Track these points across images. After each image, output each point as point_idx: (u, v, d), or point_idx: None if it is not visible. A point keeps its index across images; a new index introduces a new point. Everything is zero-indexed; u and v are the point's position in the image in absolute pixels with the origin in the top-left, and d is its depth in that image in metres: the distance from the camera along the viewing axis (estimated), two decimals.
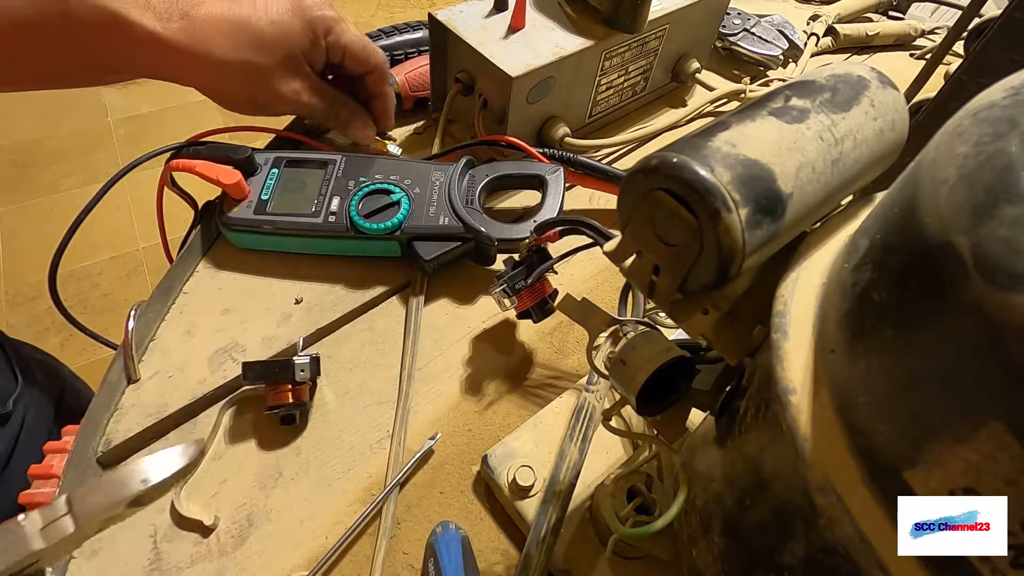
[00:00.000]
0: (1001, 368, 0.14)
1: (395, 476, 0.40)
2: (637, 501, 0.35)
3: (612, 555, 0.35)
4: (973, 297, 0.14)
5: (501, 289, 0.43)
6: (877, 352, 0.17)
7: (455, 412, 0.44)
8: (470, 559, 0.36)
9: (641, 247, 0.23)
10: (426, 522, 0.39)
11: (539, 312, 0.44)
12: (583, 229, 0.40)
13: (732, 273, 0.21)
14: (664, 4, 0.60)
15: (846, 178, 0.24)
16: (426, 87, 0.63)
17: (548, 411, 0.42)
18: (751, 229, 0.20)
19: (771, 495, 0.23)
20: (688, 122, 0.68)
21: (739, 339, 0.25)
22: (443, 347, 0.48)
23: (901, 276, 0.17)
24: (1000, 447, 0.14)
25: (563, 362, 0.48)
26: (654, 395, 0.29)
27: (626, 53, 0.60)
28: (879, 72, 0.25)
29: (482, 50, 0.53)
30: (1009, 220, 0.14)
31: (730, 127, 0.22)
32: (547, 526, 0.36)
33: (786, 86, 0.24)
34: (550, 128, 0.59)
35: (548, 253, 0.44)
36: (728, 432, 0.27)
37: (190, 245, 0.50)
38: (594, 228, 0.39)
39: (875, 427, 0.17)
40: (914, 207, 0.17)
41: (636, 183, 0.22)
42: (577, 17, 0.57)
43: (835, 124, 0.23)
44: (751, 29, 0.74)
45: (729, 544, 0.27)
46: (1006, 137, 0.15)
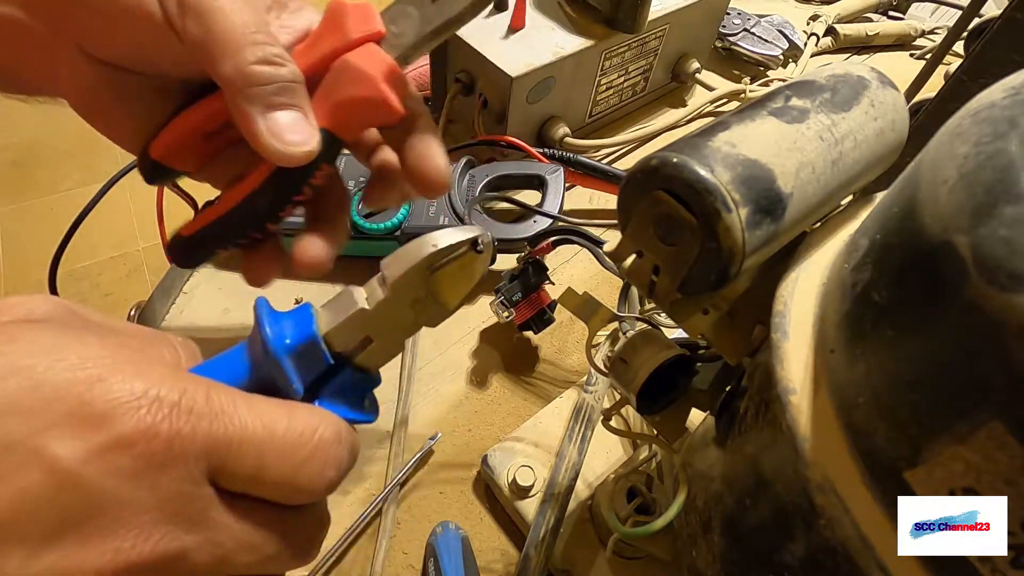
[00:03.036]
0: (1001, 368, 0.14)
1: (395, 476, 0.40)
2: (637, 501, 0.35)
3: (612, 555, 0.35)
4: (973, 297, 0.14)
5: (499, 302, 0.43)
6: (877, 352, 0.17)
7: (455, 412, 0.44)
8: (470, 559, 0.36)
9: (641, 247, 0.23)
10: (426, 522, 0.39)
11: (538, 323, 0.45)
12: (575, 239, 0.40)
13: (732, 273, 0.21)
14: (664, 4, 0.60)
15: (846, 178, 0.24)
16: (426, 87, 0.63)
17: (548, 411, 0.42)
18: (751, 229, 0.20)
19: (771, 495, 0.23)
20: (688, 122, 0.68)
21: (739, 339, 0.25)
22: (443, 347, 0.48)
23: (901, 276, 0.17)
24: (1000, 447, 0.14)
25: (563, 362, 0.48)
26: (654, 394, 0.29)
27: (626, 53, 0.60)
28: (879, 72, 0.25)
29: (482, 50, 0.53)
30: (1009, 220, 0.13)
31: (730, 127, 0.22)
32: (547, 526, 0.36)
33: (786, 86, 0.24)
34: (550, 128, 0.59)
35: (543, 264, 0.45)
36: (728, 432, 0.27)
37: None
38: (586, 236, 0.39)
39: (875, 427, 0.17)
40: (914, 207, 0.17)
41: (636, 183, 0.22)
42: (577, 17, 0.57)
43: (835, 124, 0.23)
44: (751, 29, 0.74)
45: (729, 544, 0.27)
46: (1006, 137, 0.15)
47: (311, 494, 0.19)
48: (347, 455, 0.19)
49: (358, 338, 0.21)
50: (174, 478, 0.16)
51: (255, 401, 0.18)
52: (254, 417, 0.17)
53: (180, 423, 0.16)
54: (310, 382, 0.20)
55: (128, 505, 0.15)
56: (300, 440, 0.18)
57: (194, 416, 0.16)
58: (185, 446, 0.16)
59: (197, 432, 0.16)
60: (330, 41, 0.27)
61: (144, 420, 0.15)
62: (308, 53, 0.27)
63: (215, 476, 0.17)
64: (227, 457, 0.17)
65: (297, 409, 0.19)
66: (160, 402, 0.16)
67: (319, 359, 0.20)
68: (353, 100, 0.27)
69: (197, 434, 0.16)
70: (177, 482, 0.16)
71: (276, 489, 0.18)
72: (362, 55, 0.26)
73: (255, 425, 0.17)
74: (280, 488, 0.18)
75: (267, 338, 0.20)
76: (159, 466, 0.15)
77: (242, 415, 0.17)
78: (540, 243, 0.43)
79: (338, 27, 0.27)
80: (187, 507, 0.16)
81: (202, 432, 0.16)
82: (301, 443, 0.18)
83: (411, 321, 0.22)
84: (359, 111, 0.27)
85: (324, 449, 0.18)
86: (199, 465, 0.16)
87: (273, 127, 0.25)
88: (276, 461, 0.17)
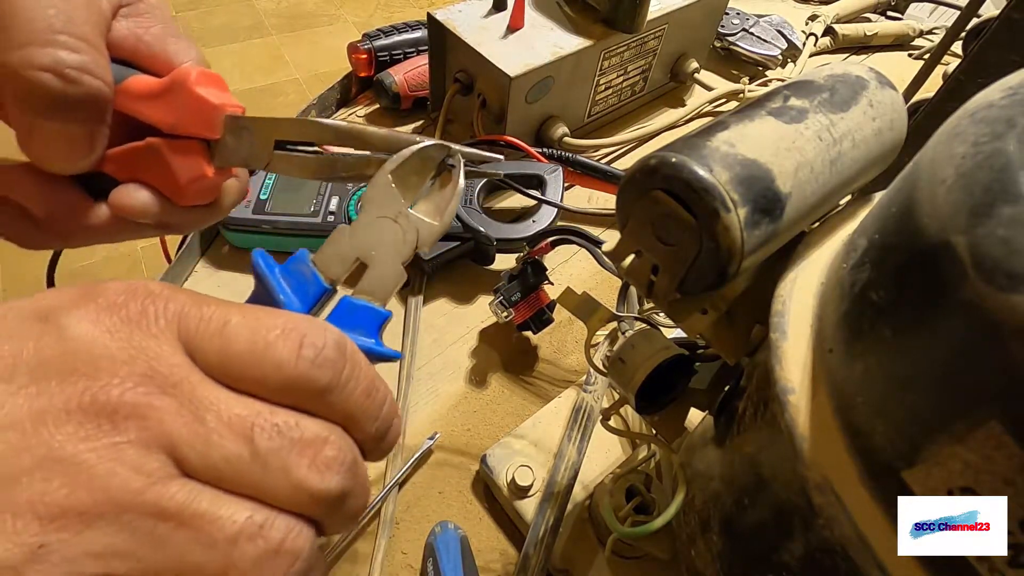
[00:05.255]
0: (999, 368, 0.14)
1: (394, 476, 0.40)
2: (636, 501, 0.35)
3: (611, 555, 0.35)
4: (971, 297, 0.14)
5: (498, 302, 0.44)
6: (875, 352, 0.17)
7: (454, 412, 0.44)
8: (469, 559, 0.36)
9: (640, 247, 0.23)
10: (425, 522, 0.39)
11: (537, 323, 0.45)
12: (574, 239, 0.40)
13: (731, 273, 0.21)
14: (663, 4, 0.60)
15: (844, 178, 0.24)
16: (425, 87, 0.63)
17: (547, 411, 0.42)
18: (750, 229, 0.20)
19: (770, 494, 0.23)
20: (687, 122, 0.68)
21: (738, 339, 0.25)
22: (442, 346, 0.48)
23: (899, 276, 0.17)
24: (998, 447, 0.14)
25: (562, 362, 0.48)
26: (653, 394, 0.29)
27: (625, 53, 0.60)
28: (877, 72, 0.26)
29: (481, 50, 0.53)
30: (1007, 220, 0.14)
31: (729, 127, 0.22)
32: (546, 526, 0.36)
33: (785, 86, 0.24)
34: (549, 128, 0.59)
35: (542, 264, 0.45)
36: (727, 432, 0.27)
37: (189, 245, 0.50)
38: (585, 236, 0.39)
39: (873, 427, 0.17)
40: (912, 207, 0.17)
41: (635, 183, 0.22)
42: (576, 17, 0.57)
43: (833, 124, 0.23)
44: (750, 29, 0.74)
45: (728, 543, 0.27)
46: (1004, 137, 0.15)
47: (292, 376, 0.16)
48: (341, 357, 0.17)
49: (349, 261, 0.22)
50: (146, 335, 0.16)
51: (248, 307, 0.18)
52: (236, 310, 0.17)
53: (158, 290, 0.17)
54: (310, 306, 0.21)
55: (103, 356, 0.15)
56: (274, 324, 0.17)
57: (172, 291, 0.17)
58: (158, 309, 0.16)
59: (171, 301, 0.17)
60: (171, 111, 0.24)
61: (128, 288, 0.17)
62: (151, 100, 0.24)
63: (191, 353, 0.16)
64: (196, 332, 0.17)
65: (292, 315, 0.18)
66: (147, 284, 0.17)
67: (312, 280, 0.21)
68: (147, 181, 0.25)
69: (171, 303, 0.17)
70: (148, 339, 0.16)
71: (249, 366, 0.16)
72: (182, 154, 0.25)
73: (232, 311, 0.17)
74: (250, 365, 0.16)
75: (257, 262, 0.21)
76: (132, 322, 0.16)
77: (225, 307, 0.17)
78: (539, 243, 0.43)
79: (187, 101, 0.24)
80: (160, 367, 0.16)
81: (177, 302, 0.17)
82: (274, 325, 0.17)
83: (399, 239, 0.22)
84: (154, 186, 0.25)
85: (297, 330, 0.17)
86: (170, 329, 0.16)
87: (40, 140, 0.23)
88: (244, 338, 0.17)
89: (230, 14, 2.03)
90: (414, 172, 0.22)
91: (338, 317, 0.21)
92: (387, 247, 0.22)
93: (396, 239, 0.22)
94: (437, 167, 0.23)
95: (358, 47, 0.64)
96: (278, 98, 1.77)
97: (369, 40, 0.64)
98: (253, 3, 2.08)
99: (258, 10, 2.07)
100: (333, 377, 0.17)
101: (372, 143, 0.24)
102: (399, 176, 0.22)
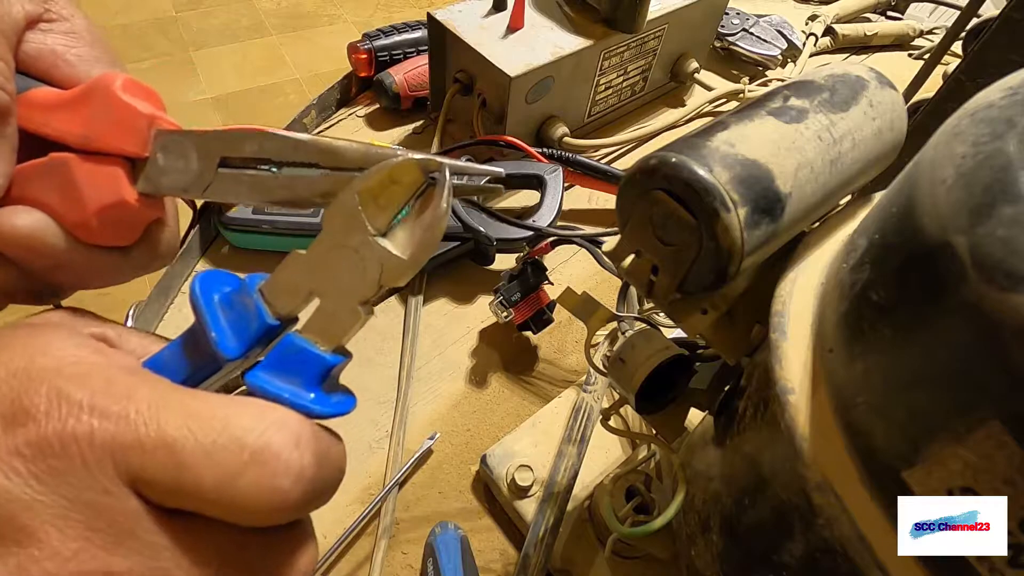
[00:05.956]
0: (999, 368, 0.14)
1: (394, 476, 0.40)
2: (636, 501, 0.35)
3: (611, 555, 0.35)
4: (971, 297, 0.14)
5: (498, 302, 0.44)
6: (875, 352, 0.17)
7: (454, 412, 0.44)
8: (469, 559, 0.36)
9: (640, 247, 0.23)
10: (425, 522, 0.39)
11: (537, 323, 0.45)
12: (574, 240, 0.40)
13: (731, 273, 0.21)
14: (663, 4, 0.60)
15: (844, 178, 0.24)
16: (425, 87, 0.63)
17: (547, 411, 0.42)
18: (750, 229, 0.20)
19: (770, 494, 0.23)
20: (687, 122, 0.68)
21: (738, 339, 0.25)
22: (442, 347, 0.48)
23: (899, 276, 0.17)
24: (998, 447, 0.14)
25: (562, 362, 0.48)
26: (653, 394, 0.29)
27: (625, 53, 0.60)
28: (877, 72, 0.26)
29: (481, 50, 0.53)
30: (1007, 220, 0.14)
31: (729, 127, 0.22)
32: (546, 526, 0.36)
33: (785, 86, 0.24)
34: (549, 128, 0.59)
35: (542, 264, 0.45)
36: (727, 431, 0.27)
37: (188, 245, 0.50)
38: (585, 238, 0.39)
39: (873, 427, 0.17)
40: (912, 207, 0.17)
41: (635, 183, 0.22)
42: (576, 17, 0.57)
43: (834, 124, 0.23)
44: (750, 29, 0.74)
45: (728, 543, 0.27)
46: (1004, 137, 0.15)
47: (262, 510, 0.15)
48: (309, 461, 0.15)
49: (302, 294, 0.18)
50: (75, 485, 0.13)
51: (194, 398, 0.15)
52: (180, 417, 0.14)
53: (76, 425, 0.14)
54: (248, 345, 0.18)
55: (34, 512, 0.13)
56: (237, 443, 0.14)
57: (95, 416, 0.14)
58: (82, 450, 0.13)
59: (96, 434, 0.14)
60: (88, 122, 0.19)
61: (44, 423, 0.14)
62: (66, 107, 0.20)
63: (137, 487, 0.14)
64: (141, 463, 0.14)
65: (245, 407, 0.15)
66: (63, 400, 0.14)
67: (254, 313, 0.18)
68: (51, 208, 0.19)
69: (96, 436, 0.14)
70: (80, 490, 0.13)
71: (213, 504, 0.14)
72: (95, 173, 0.19)
73: (176, 425, 0.14)
74: (217, 502, 0.14)
75: (193, 290, 0.17)
76: (57, 472, 0.13)
77: (164, 415, 0.14)
78: (539, 243, 0.43)
79: (109, 108, 0.19)
80: (101, 520, 0.13)
81: (103, 434, 0.14)
82: (238, 446, 0.14)
83: (358, 274, 0.18)
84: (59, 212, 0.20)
85: (270, 453, 0.15)
86: (104, 471, 0.14)
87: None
88: (204, 468, 0.14)
89: (230, 14, 2.03)
90: (387, 193, 0.18)
91: (275, 360, 0.17)
92: (342, 282, 0.18)
93: (353, 274, 0.18)
94: (421, 187, 0.18)
95: (358, 47, 0.64)
96: (278, 98, 1.77)
97: (369, 40, 0.64)
98: (253, 3, 2.08)
99: (258, 10, 2.07)
100: (302, 500, 0.15)
101: (346, 159, 0.19)
102: (368, 197, 0.18)
